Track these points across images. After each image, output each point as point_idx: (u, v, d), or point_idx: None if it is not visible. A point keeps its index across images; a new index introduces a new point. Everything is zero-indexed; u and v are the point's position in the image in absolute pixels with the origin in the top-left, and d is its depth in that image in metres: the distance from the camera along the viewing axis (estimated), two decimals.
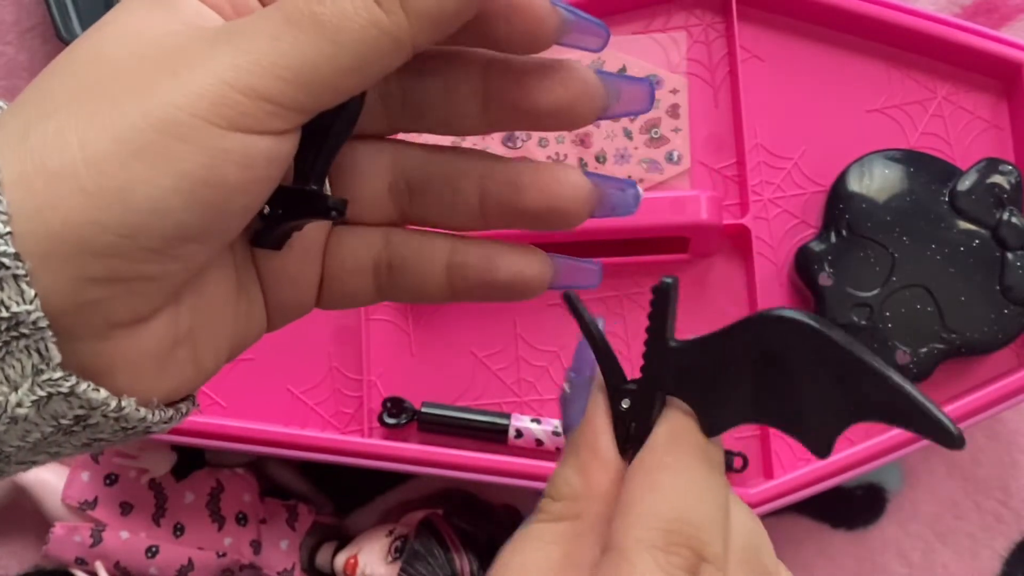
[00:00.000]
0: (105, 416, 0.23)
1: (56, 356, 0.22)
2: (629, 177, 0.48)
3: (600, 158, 0.48)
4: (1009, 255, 0.46)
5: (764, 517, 0.47)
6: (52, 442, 0.24)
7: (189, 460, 0.51)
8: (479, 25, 0.25)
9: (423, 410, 0.47)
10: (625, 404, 0.26)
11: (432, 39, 0.24)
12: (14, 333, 0.22)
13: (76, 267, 0.22)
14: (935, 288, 0.46)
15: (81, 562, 0.50)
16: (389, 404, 0.47)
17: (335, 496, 0.54)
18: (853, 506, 0.54)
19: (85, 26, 0.51)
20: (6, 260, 0.21)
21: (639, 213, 0.45)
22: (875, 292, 0.46)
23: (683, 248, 0.48)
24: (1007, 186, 0.47)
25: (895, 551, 0.54)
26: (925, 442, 0.46)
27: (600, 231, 0.46)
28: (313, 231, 0.28)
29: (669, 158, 0.48)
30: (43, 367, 0.22)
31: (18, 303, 0.21)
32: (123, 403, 0.24)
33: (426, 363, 0.48)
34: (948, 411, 0.46)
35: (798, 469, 0.47)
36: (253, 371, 0.48)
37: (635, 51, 0.49)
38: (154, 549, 0.50)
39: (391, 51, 0.23)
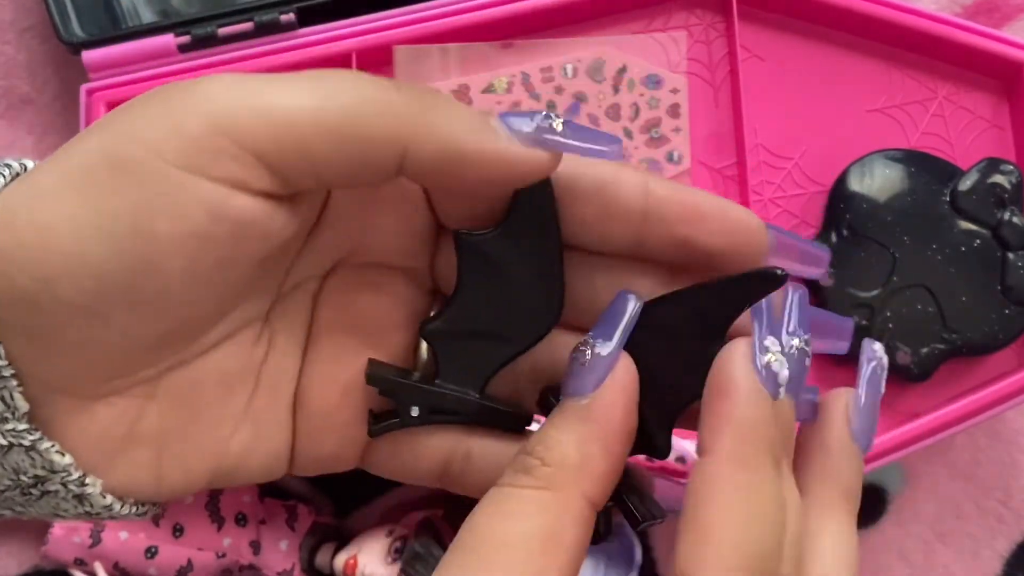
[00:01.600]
0: (65, 486, 0.22)
1: (23, 406, 0.21)
2: None
3: None
4: (1010, 255, 0.46)
5: None
6: (10, 499, 0.23)
7: None
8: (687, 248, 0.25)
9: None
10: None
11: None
12: None
13: (38, 290, 0.20)
14: (936, 288, 0.46)
15: (80, 562, 0.50)
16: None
17: (335, 496, 0.54)
18: None
19: (85, 26, 0.50)
20: None
21: None
22: (876, 292, 0.46)
23: None
24: (1008, 186, 0.47)
25: (896, 551, 0.54)
26: (926, 443, 0.46)
27: None
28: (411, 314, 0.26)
29: (669, 158, 0.48)
30: (7, 415, 0.21)
31: None
32: (87, 480, 0.22)
33: None
34: (949, 411, 0.46)
35: None
36: None
37: (635, 51, 0.49)
38: (153, 550, 0.50)
39: (395, 154, 0.22)
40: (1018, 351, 0.48)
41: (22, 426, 0.21)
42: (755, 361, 0.23)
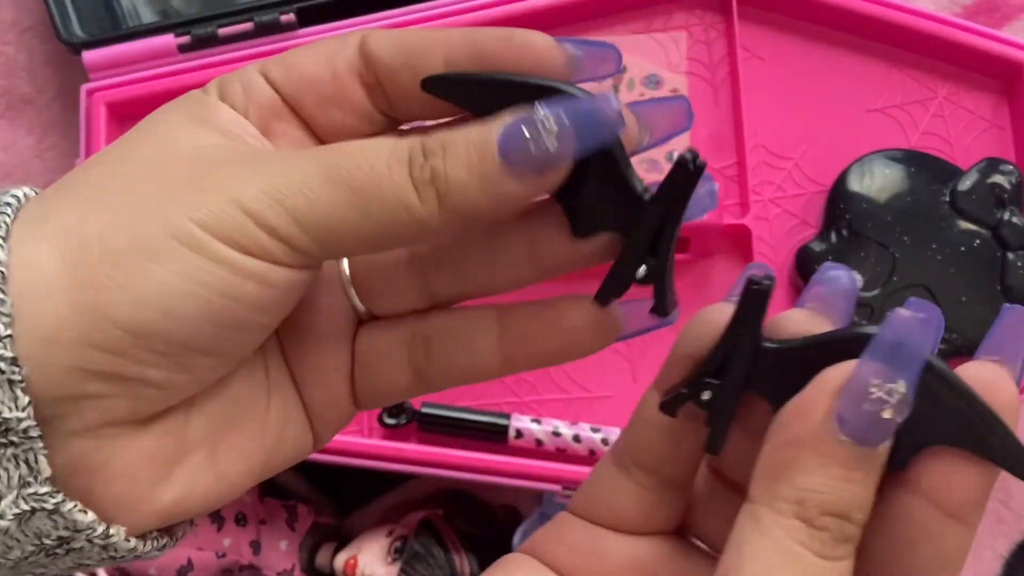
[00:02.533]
0: (90, 541, 0.22)
1: (45, 470, 0.21)
2: None
3: None
4: (1010, 255, 0.46)
5: None
6: (35, 562, 0.23)
7: None
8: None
9: (423, 410, 0.47)
10: (706, 395, 0.24)
11: (456, 231, 0.24)
12: (3, 440, 0.21)
13: (77, 356, 0.21)
14: (936, 288, 0.46)
15: None
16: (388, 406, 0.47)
17: (335, 496, 0.54)
18: None
19: (85, 26, 0.50)
20: (2, 364, 0.20)
21: None
22: (876, 292, 0.46)
23: (683, 248, 0.48)
24: (1008, 186, 0.47)
25: None
26: None
27: None
28: (340, 319, 0.26)
29: (669, 158, 0.48)
30: (30, 479, 0.21)
31: (10, 409, 0.21)
32: (111, 531, 0.23)
33: None
34: None
35: None
36: None
37: (635, 51, 0.49)
38: None
39: (413, 234, 0.23)
40: None
41: (44, 489, 0.21)
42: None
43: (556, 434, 0.47)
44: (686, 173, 0.25)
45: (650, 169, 0.48)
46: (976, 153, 0.49)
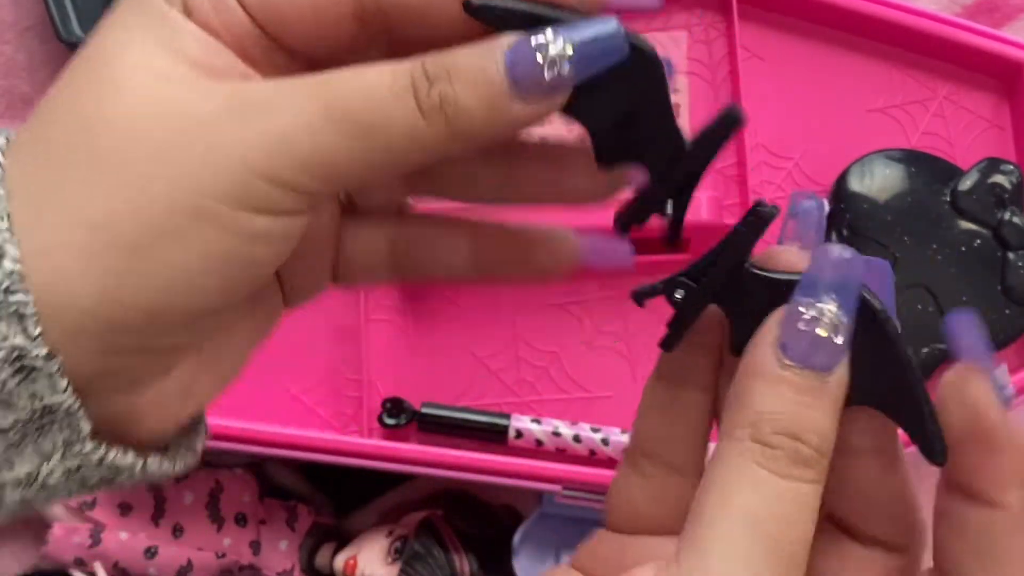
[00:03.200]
0: (131, 476, 0.24)
1: (86, 429, 0.22)
2: None
3: None
4: (1010, 255, 0.46)
5: None
6: (73, 493, 0.24)
7: None
8: None
9: (423, 411, 0.47)
10: (679, 294, 0.26)
11: (459, 152, 0.23)
12: (48, 418, 0.22)
13: (104, 343, 0.22)
14: (936, 288, 0.46)
15: (80, 563, 0.50)
16: (389, 404, 0.47)
17: (335, 496, 0.54)
18: None
19: (84, 26, 0.50)
20: (39, 362, 0.21)
21: None
22: None
23: (683, 248, 0.48)
24: (1008, 186, 0.47)
25: None
26: None
27: (600, 231, 0.45)
28: (325, 219, 0.27)
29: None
30: (74, 439, 0.22)
31: (51, 394, 0.21)
32: (149, 463, 0.24)
33: (426, 363, 0.48)
34: None
35: None
36: (253, 371, 0.48)
37: None
38: (153, 550, 0.50)
39: (420, 159, 0.23)
40: (1019, 351, 0.48)
41: (88, 446, 0.22)
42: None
43: (556, 434, 0.47)
44: (728, 126, 0.27)
45: None
46: (976, 153, 0.49)
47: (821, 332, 0.23)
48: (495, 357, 0.48)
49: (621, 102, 0.25)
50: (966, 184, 0.47)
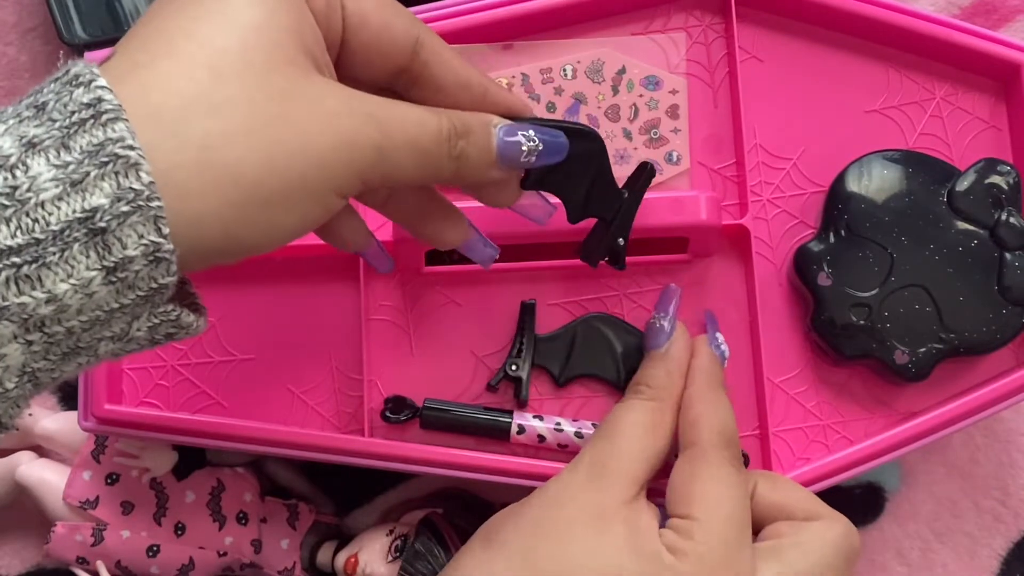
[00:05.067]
0: (188, 332, 0.31)
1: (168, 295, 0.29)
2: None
3: None
4: (1007, 255, 0.47)
5: None
6: (142, 348, 0.31)
7: (190, 459, 0.51)
8: None
9: (425, 406, 0.47)
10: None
11: (453, 184, 0.36)
12: (158, 296, 0.28)
13: (206, 259, 0.29)
14: (933, 288, 0.46)
15: (82, 561, 0.50)
16: (391, 403, 0.47)
17: (335, 496, 0.55)
18: (852, 505, 0.54)
19: (87, 27, 0.51)
20: (166, 255, 0.27)
21: (639, 213, 0.45)
22: (874, 292, 0.47)
23: (682, 248, 0.48)
24: (1005, 186, 0.47)
25: (894, 550, 0.54)
26: (924, 442, 0.47)
27: None
28: None
29: (668, 159, 0.48)
30: (159, 302, 0.29)
31: (164, 278, 0.28)
32: (200, 321, 0.31)
33: (426, 363, 0.48)
34: (946, 410, 0.46)
35: (797, 468, 0.47)
36: (253, 371, 0.49)
37: (634, 52, 0.49)
38: (155, 548, 0.50)
39: (430, 182, 0.36)
40: (1015, 351, 0.48)
41: (170, 307, 0.29)
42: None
43: (558, 430, 0.47)
44: (647, 177, 0.43)
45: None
46: (974, 154, 0.49)
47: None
48: (495, 357, 0.48)
49: (581, 174, 0.39)
50: (963, 184, 0.47)
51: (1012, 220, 0.47)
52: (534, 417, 0.47)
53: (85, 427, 0.47)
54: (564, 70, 0.48)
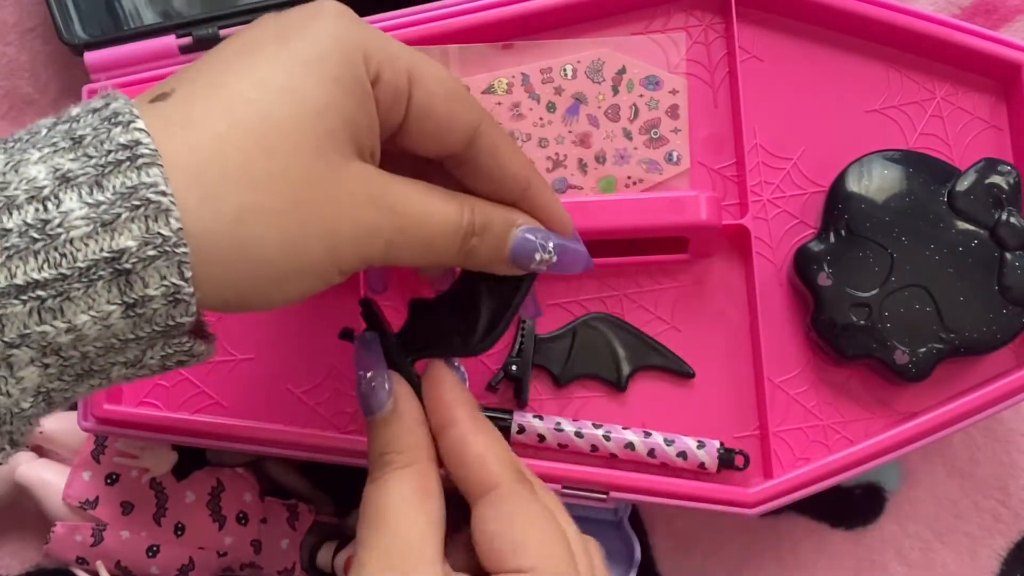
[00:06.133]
0: (199, 359, 0.31)
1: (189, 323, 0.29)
2: (629, 178, 0.48)
3: (600, 158, 0.48)
4: (1008, 255, 0.47)
5: (763, 517, 0.47)
6: (154, 374, 0.31)
7: (190, 459, 0.51)
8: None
9: None
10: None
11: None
12: (175, 331, 0.29)
13: (218, 305, 0.30)
14: (934, 288, 0.46)
15: (82, 561, 0.50)
16: None
17: (335, 496, 0.55)
18: (852, 505, 0.54)
19: (87, 27, 0.51)
20: (185, 297, 0.28)
21: (639, 213, 0.45)
22: (874, 292, 0.47)
23: (682, 248, 0.48)
24: (1005, 186, 0.47)
25: (894, 550, 0.54)
26: (924, 442, 0.47)
27: (600, 231, 0.46)
28: None
29: (668, 158, 0.48)
30: (175, 336, 0.29)
31: (182, 317, 0.28)
32: (209, 349, 0.31)
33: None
34: (946, 411, 0.46)
35: (797, 469, 0.47)
36: (253, 371, 0.48)
37: (634, 52, 0.49)
38: (155, 548, 0.50)
39: (434, 266, 0.38)
40: (1015, 351, 0.48)
41: (184, 339, 0.30)
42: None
43: (559, 430, 0.47)
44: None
45: (649, 169, 0.48)
46: (974, 153, 0.49)
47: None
48: (495, 357, 0.48)
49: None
50: (963, 184, 0.47)
51: (1012, 220, 0.47)
52: (534, 417, 0.47)
53: (85, 427, 0.47)
54: (564, 70, 0.48)
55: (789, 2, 0.49)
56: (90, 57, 0.49)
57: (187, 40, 0.49)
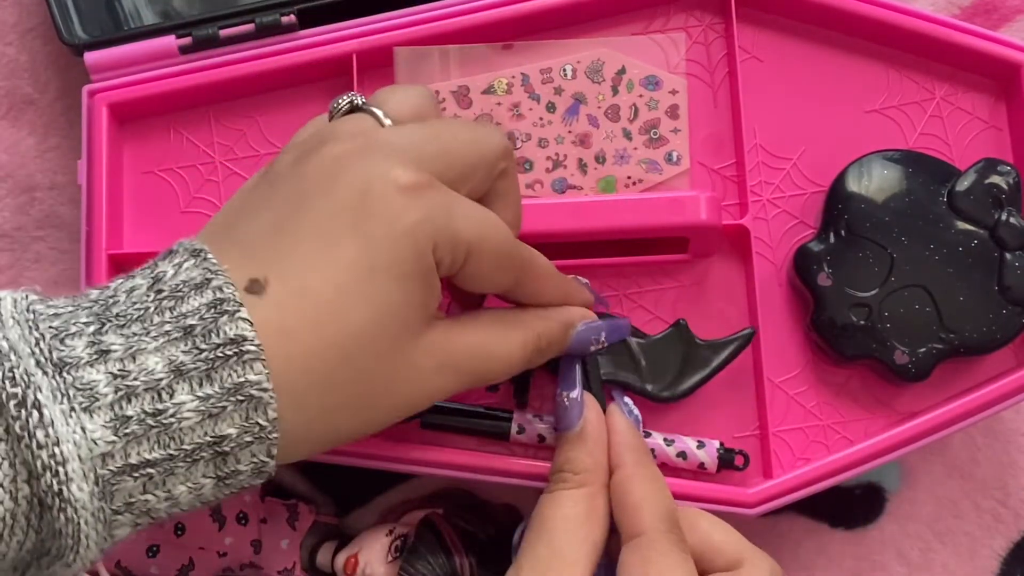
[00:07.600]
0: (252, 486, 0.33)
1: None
2: (629, 178, 0.48)
3: (600, 159, 0.48)
4: (1007, 255, 0.47)
5: (763, 517, 0.47)
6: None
7: None
8: None
9: None
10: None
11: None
12: (259, 475, 0.33)
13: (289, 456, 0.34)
14: (934, 288, 0.46)
15: None
16: None
17: (336, 495, 0.55)
18: (852, 505, 0.54)
19: (87, 27, 0.51)
20: (271, 436, 0.31)
21: (639, 214, 0.45)
22: (874, 292, 0.47)
23: (682, 248, 0.48)
24: (1005, 186, 0.47)
25: (894, 550, 0.54)
26: (924, 442, 0.47)
27: (599, 232, 0.46)
28: None
29: (668, 158, 0.48)
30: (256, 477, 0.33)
31: (264, 456, 0.32)
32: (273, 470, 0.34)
33: None
34: (946, 411, 0.46)
35: (797, 469, 0.47)
36: None
37: (634, 52, 0.49)
38: (155, 548, 0.50)
39: None
40: (1016, 351, 0.48)
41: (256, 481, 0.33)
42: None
43: (557, 430, 0.47)
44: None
45: (649, 169, 0.48)
46: (974, 154, 0.49)
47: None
48: None
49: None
50: (963, 184, 0.47)
51: (1012, 220, 0.47)
52: (534, 417, 0.47)
53: None
54: (564, 70, 0.48)
55: (789, 2, 0.49)
56: (90, 57, 0.49)
57: (187, 40, 0.49)
